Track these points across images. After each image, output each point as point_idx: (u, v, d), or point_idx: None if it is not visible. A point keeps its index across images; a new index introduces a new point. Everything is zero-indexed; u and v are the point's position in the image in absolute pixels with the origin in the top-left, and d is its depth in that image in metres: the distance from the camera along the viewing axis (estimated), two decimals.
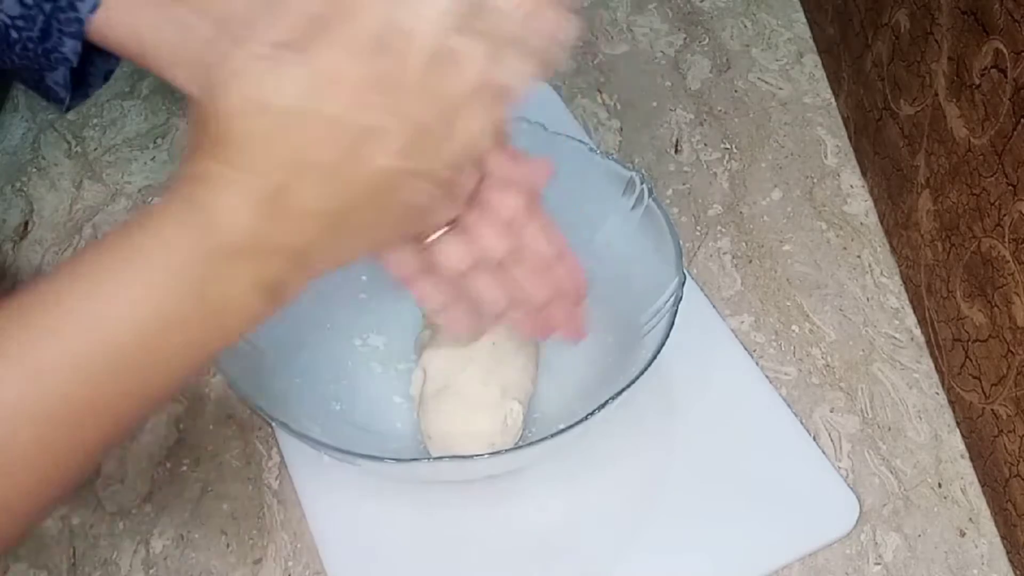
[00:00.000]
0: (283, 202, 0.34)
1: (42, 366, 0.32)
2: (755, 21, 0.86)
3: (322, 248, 0.36)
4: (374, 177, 0.34)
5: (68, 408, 0.33)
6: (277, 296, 0.36)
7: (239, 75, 0.33)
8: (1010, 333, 0.52)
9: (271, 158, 0.33)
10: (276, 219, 0.34)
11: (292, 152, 0.33)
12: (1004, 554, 0.54)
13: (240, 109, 0.33)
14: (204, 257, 0.34)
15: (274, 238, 0.34)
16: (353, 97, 0.33)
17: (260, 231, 0.34)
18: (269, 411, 0.49)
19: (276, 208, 0.34)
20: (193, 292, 0.34)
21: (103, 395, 0.34)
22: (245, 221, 0.34)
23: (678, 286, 0.53)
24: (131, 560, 0.55)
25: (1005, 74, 0.51)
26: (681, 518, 0.55)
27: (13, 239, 0.72)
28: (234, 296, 0.35)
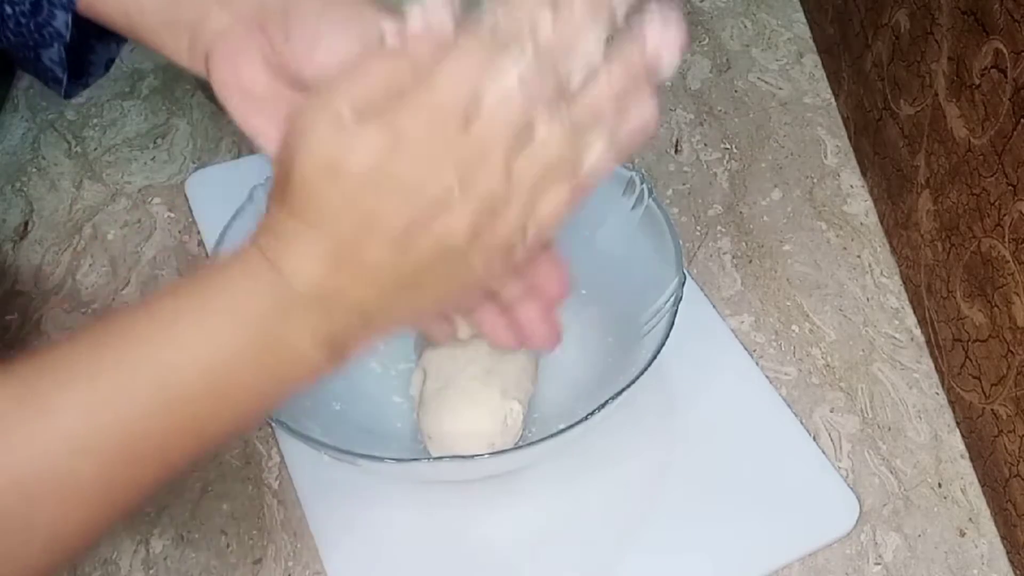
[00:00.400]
0: (353, 259, 0.34)
1: (109, 400, 0.33)
2: (755, 21, 0.86)
3: (385, 306, 0.36)
4: (440, 247, 0.35)
5: (130, 444, 0.33)
6: (339, 349, 0.37)
7: (318, 135, 0.34)
8: (1010, 333, 0.52)
9: (342, 219, 0.34)
10: (344, 275, 0.35)
11: (362, 215, 0.34)
12: (1004, 554, 0.54)
13: (317, 169, 0.34)
14: (274, 305, 0.35)
15: (340, 292, 0.35)
16: (429, 166, 0.33)
17: (328, 285, 0.35)
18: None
19: (344, 265, 0.35)
20: (259, 341, 0.35)
21: (164, 434, 0.34)
22: (315, 274, 0.34)
23: (678, 286, 0.53)
24: (131, 560, 0.55)
25: (1005, 74, 0.51)
26: (681, 518, 0.55)
27: (13, 239, 0.72)
28: (299, 345, 0.35)
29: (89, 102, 0.82)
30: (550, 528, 0.55)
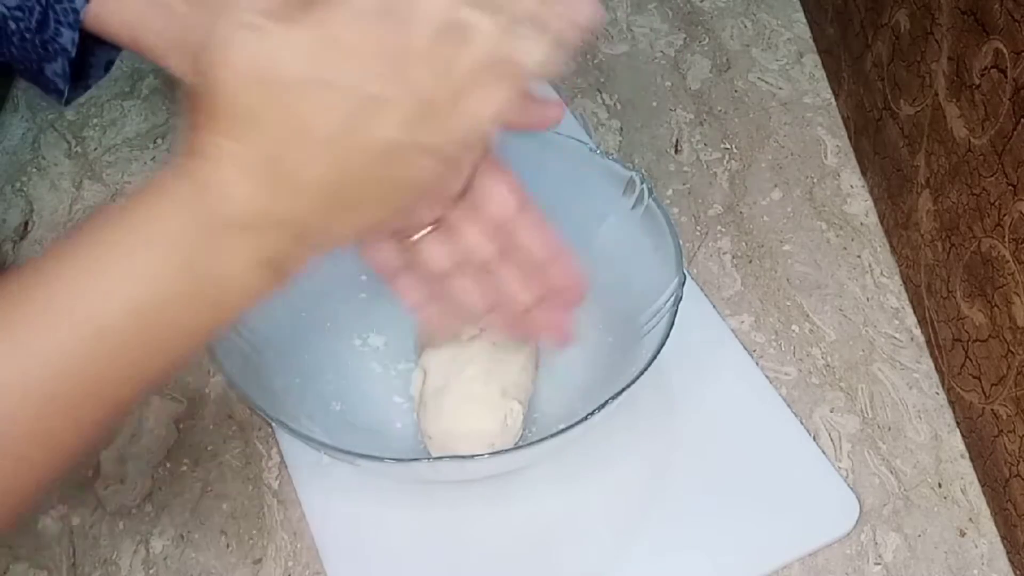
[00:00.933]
0: (282, 173, 0.33)
1: (39, 345, 0.32)
2: (755, 21, 0.86)
3: (321, 221, 0.35)
4: (375, 149, 0.33)
5: (66, 388, 0.33)
6: (277, 272, 0.35)
7: (232, 44, 0.32)
8: (1010, 333, 0.52)
9: (270, 129, 0.33)
10: (275, 191, 0.33)
11: (291, 122, 0.33)
12: (1004, 554, 0.54)
13: (236, 79, 0.32)
14: (202, 231, 0.33)
15: (273, 210, 0.34)
16: (356, 65, 0.32)
17: (259, 203, 0.33)
18: (269, 411, 0.49)
19: (275, 180, 0.33)
20: (192, 268, 0.33)
21: (100, 374, 0.33)
22: (244, 193, 0.33)
23: (678, 286, 0.53)
24: (131, 560, 0.55)
25: (1005, 74, 0.51)
26: (681, 518, 0.55)
27: (13, 239, 0.72)
28: (233, 271, 0.34)
29: (89, 102, 0.82)
30: (550, 528, 0.55)
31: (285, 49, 0.32)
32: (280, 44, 0.32)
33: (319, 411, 0.56)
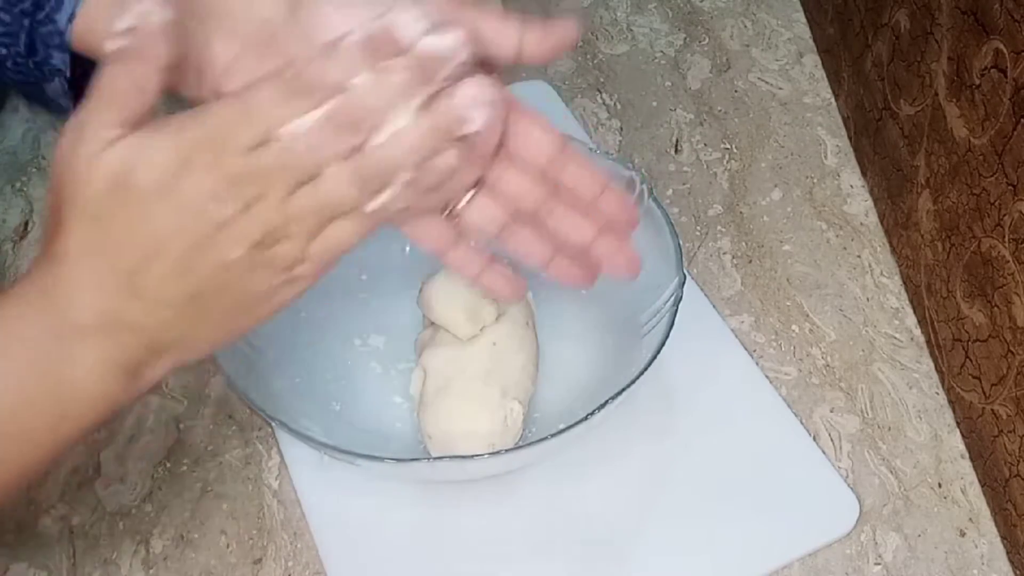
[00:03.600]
0: (133, 284, 0.34)
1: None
2: (755, 21, 0.86)
3: (176, 333, 0.36)
4: (227, 267, 0.34)
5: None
6: (133, 378, 0.36)
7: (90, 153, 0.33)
8: (1010, 333, 0.52)
9: (123, 240, 0.33)
10: (125, 299, 0.34)
11: (144, 237, 0.33)
12: (1004, 554, 0.54)
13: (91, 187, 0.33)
14: (54, 337, 0.34)
15: (123, 317, 0.34)
16: (205, 186, 0.33)
17: (107, 309, 0.34)
18: (269, 411, 0.49)
19: (126, 289, 0.34)
20: (45, 372, 0.34)
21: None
22: (92, 299, 0.34)
23: (678, 286, 0.53)
24: (131, 560, 0.55)
25: (1005, 74, 0.51)
26: (681, 518, 0.55)
27: (13, 239, 0.72)
28: (83, 375, 0.34)
29: None
30: (550, 528, 0.55)
31: (140, 159, 0.33)
32: (136, 153, 0.33)
33: (319, 411, 0.56)
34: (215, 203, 0.33)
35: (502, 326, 0.56)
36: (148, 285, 0.34)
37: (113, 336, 0.34)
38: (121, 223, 0.33)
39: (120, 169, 0.33)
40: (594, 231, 0.44)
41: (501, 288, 0.45)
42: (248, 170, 0.33)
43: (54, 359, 0.34)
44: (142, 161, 0.33)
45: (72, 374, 0.34)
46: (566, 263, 0.45)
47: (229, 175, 0.33)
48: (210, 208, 0.33)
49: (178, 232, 0.33)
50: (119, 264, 0.34)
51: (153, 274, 0.34)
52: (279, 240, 0.34)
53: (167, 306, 0.35)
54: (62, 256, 0.34)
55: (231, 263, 0.34)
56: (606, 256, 0.44)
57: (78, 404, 0.35)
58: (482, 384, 0.53)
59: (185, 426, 0.60)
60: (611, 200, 0.44)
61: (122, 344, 0.35)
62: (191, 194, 0.33)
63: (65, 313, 0.34)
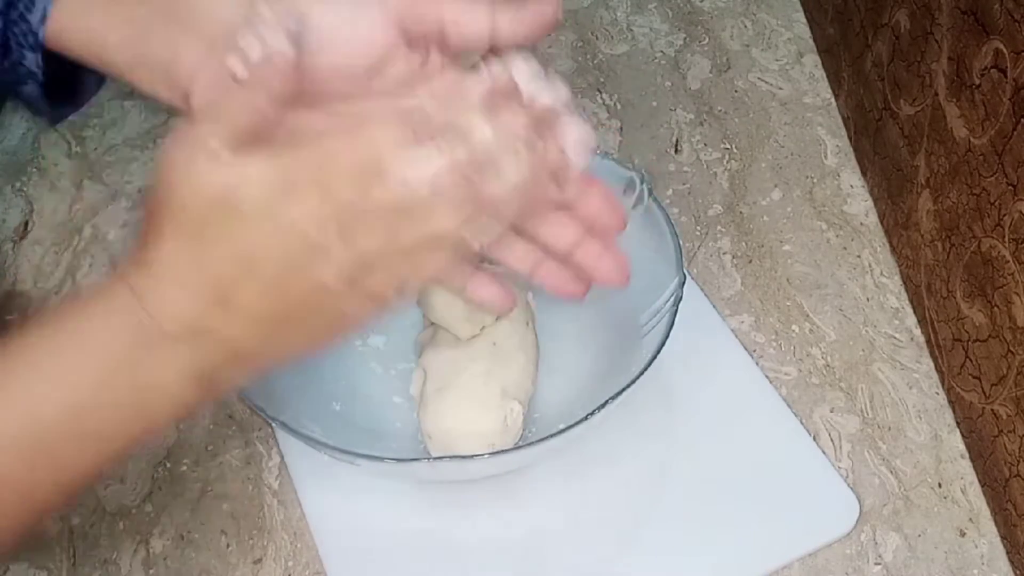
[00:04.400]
0: (223, 297, 0.34)
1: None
2: (755, 21, 0.86)
3: (256, 346, 0.36)
4: (314, 290, 0.35)
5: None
6: (208, 387, 0.36)
7: (193, 166, 0.33)
8: (1010, 333, 0.52)
9: (217, 253, 0.34)
10: (213, 311, 0.34)
11: (239, 252, 0.34)
12: (1004, 554, 0.54)
13: (192, 199, 0.33)
14: (135, 341, 0.34)
15: (209, 328, 0.35)
16: (313, 213, 0.33)
17: (195, 320, 0.34)
18: (269, 411, 0.49)
19: (215, 301, 0.34)
20: (126, 375, 0.34)
21: (27, 476, 0.34)
22: (183, 310, 0.34)
23: (678, 286, 0.53)
24: (131, 560, 0.55)
25: (1005, 74, 0.51)
26: (681, 518, 0.55)
27: (13, 239, 0.72)
28: (163, 382, 0.35)
29: (89, 102, 0.82)
30: (550, 528, 0.55)
31: (247, 179, 0.33)
32: (241, 173, 0.33)
33: (319, 411, 0.56)
34: (319, 231, 0.33)
35: (502, 326, 0.56)
36: (240, 302, 0.34)
37: (198, 346, 0.35)
38: (220, 239, 0.34)
39: (226, 187, 0.33)
40: (576, 236, 0.42)
41: (490, 297, 0.44)
42: (360, 204, 0.33)
43: (137, 363, 0.34)
44: (249, 181, 0.33)
45: (153, 379, 0.35)
46: (554, 269, 0.44)
47: (339, 205, 0.33)
48: (313, 235, 0.33)
49: (275, 254, 0.34)
50: (213, 278, 0.34)
51: (246, 291, 0.34)
52: (374, 272, 0.35)
53: (253, 322, 0.35)
54: (156, 263, 0.34)
55: (323, 290, 0.35)
56: (592, 260, 0.43)
57: (155, 407, 0.36)
58: (482, 384, 0.53)
59: (185, 426, 0.60)
60: (595, 199, 0.42)
61: (205, 353, 0.35)
62: (294, 219, 0.33)
63: (153, 319, 0.34)
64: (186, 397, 0.36)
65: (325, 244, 0.34)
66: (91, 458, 0.36)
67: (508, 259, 0.43)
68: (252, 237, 0.33)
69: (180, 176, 0.34)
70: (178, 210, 0.34)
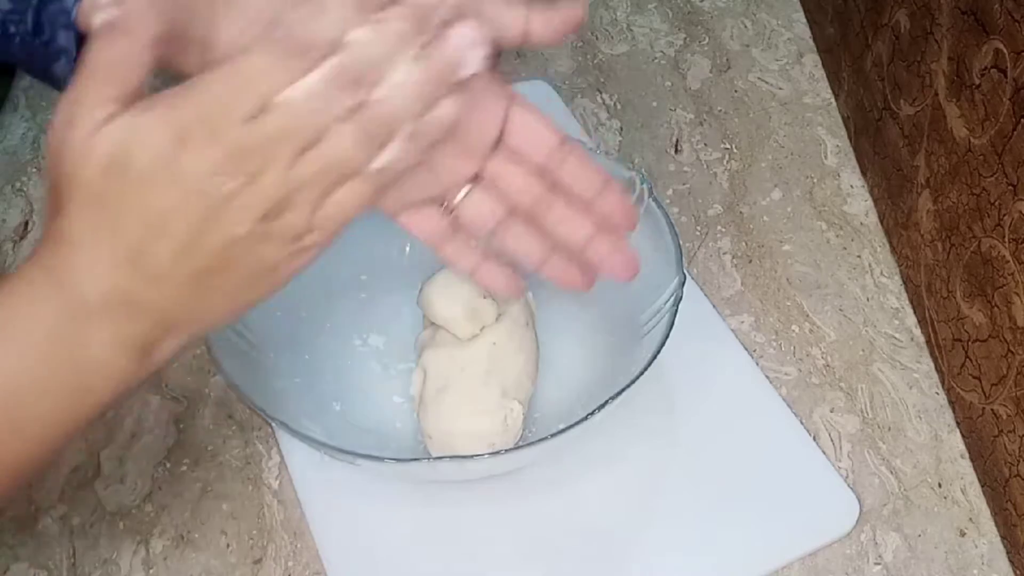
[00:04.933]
0: (141, 263, 0.33)
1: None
2: (755, 21, 0.86)
3: (186, 309, 0.35)
4: (233, 242, 0.34)
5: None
6: (144, 356, 0.36)
7: (87, 133, 0.32)
8: (1010, 333, 0.52)
9: (127, 219, 0.33)
10: (135, 279, 0.34)
11: (148, 215, 0.33)
12: (1004, 554, 0.54)
13: (92, 167, 0.32)
14: (64, 318, 0.33)
15: (132, 295, 0.34)
16: (215, 164, 0.32)
17: (116, 288, 0.34)
18: (269, 411, 0.49)
19: (134, 268, 0.33)
20: (56, 353, 0.34)
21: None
22: (102, 281, 0.33)
23: (678, 286, 0.53)
24: (131, 560, 0.55)
25: (1005, 74, 0.51)
26: (681, 518, 0.55)
27: (13, 239, 0.72)
28: (94, 355, 0.34)
29: None
30: (550, 528, 0.55)
31: (137, 137, 0.32)
32: (132, 132, 0.32)
33: (319, 411, 0.56)
34: (217, 178, 0.33)
35: (502, 326, 0.56)
36: (154, 263, 0.34)
37: (123, 314, 0.34)
38: (121, 203, 0.33)
39: (116, 149, 0.32)
40: (591, 230, 0.43)
41: (498, 284, 0.45)
42: (249, 141, 0.32)
43: (66, 340, 0.34)
44: (137, 140, 0.32)
45: (85, 353, 0.34)
46: (562, 263, 0.44)
47: (229, 148, 0.32)
48: (212, 183, 0.33)
49: (180, 209, 0.33)
50: (123, 243, 0.33)
51: (158, 252, 0.33)
52: (285, 210, 0.34)
53: (175, 283, 0.34)
54: (66, 237, 0.33)
55: (238, 237, 0.34)
56: (603, 256, 0.44)
57: (94, 383, 0.35)
58: (482, 384, 0.53)
59: (185, 426, 0.60)
60: (610, 199, 0.43)
61: (133, 321, 0.34)
62: (191, 170, 0.32)
63: (73, 293, 0.33)
64: (123, 369, 0.35)
65: (227, 192, 0.33)
66: (35, 445, 0.35)
67: (518, 252, 0.43)
68: (152, 196, 0.33)
69: (70, 145, 0.33)
70: (76, 181, 0.33)
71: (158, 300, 0.34)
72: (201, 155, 0.32)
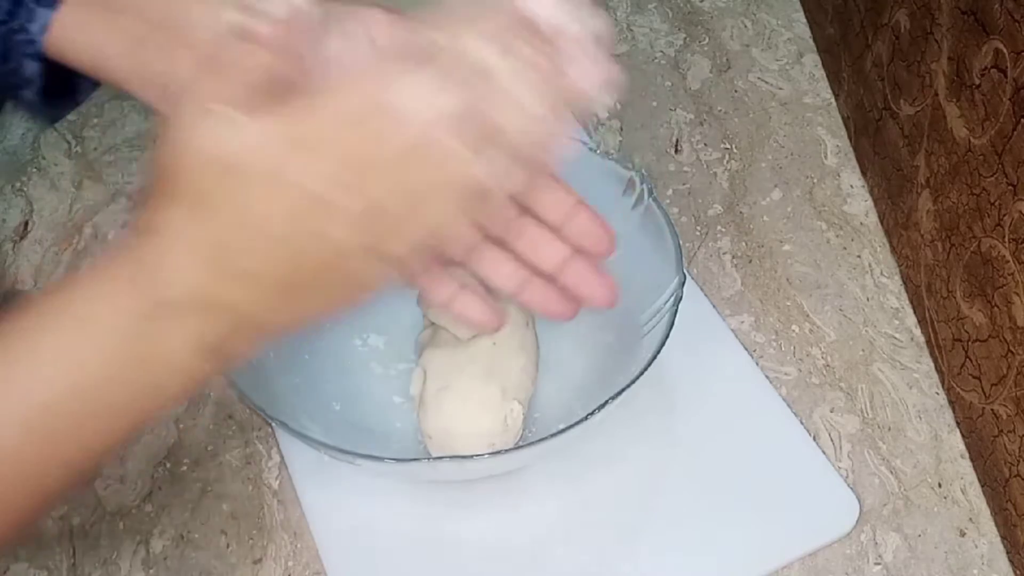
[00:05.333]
0: (231, 261, 0.33)
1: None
2: (755, 21, 0.86)
3: (266, 312, 0.35)
4: (325, 249, 0.33)
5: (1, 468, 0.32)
6: (220, 357, 0.35)
7: (197, 128, 0.32)
8: (1010, 333, 0.52)
9: (224, 215, 0.33)
10: (222, 279, 0.33)
11: (246, 213, 0.33)
12: (1004, 554, 0.54)
13: (197, 162, 0.32)
14: (145, 312, 0.33)
15: (217, 296, 0.34)
16: (318, 169, 0.32)
17: (204, 289, 0.33)
18: (269, 411, 0.49)
19: (223, 266, 0.33)
20: (132, 349, 0.33)
21: (35, 457, 0.33)
22: (190, 278, 0.33)
23: (678, 286, 0.53)
24: (131, 560, 0.55)
25: (1005, 74, 0.51)
26: (681, 518, 0.55)
27: (13, 239, 0.72)
28: (172, 354, 0.34)
29: (89, 102, 0.81)
30: (550, 528, 0.55)
31: (250, 141, 0.32)
32: (246, 135, 0.32)
33: (319, 411, 0.56)
34: (327, 186, 0.32)
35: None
36: (249, 268, 0.33)
37: (205, 314, 0.34)
38: (226, 204, 0.32)
39: (230, 150, 0.32)
40: (563, 257, 0.42)
41: (476, 315, 0.43)
42: (371, 151, 0.32)
43: (144, 335, 0.33)
44: (253, 143, 0.32)
45: (160, 350, 0.34)
46: (541, 289, 0.43)
47: (347, 156, 0.32)
48: (321, 191, 0.32)
49: (284, 217, 0.32)
50: (220, 244, 0.33)
51: (254, 257, 0.33)
52: (389, 227, 0.33)
53: (262, 287, 0.34)
54: (160, 231, 0.33)
55: (339, 248, 0.33)
56: (578, 282, 0.42)
57: (165, 381, 0.35)
58: (482, 384, 0.53)
59: (185, 426, 0.60)
60: (581, 221, 0.42)
61: (213, 322, 0.34)
62: (302, 177, 0.32)
63: (158, 288, 0.33)
64: (195, 369, 0.35)
65: (335, 200, 0.32)
66: (101, 437, 0.35)
67: (494, 278, 0.42)
68: (259, 201, 0.32)
69: (183, 140, 0.32)
70: (182, 175, 0.33)
71: (242, 303, 0.34)
72: (314, 163, 0.32)
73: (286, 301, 0.35)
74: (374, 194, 0.33)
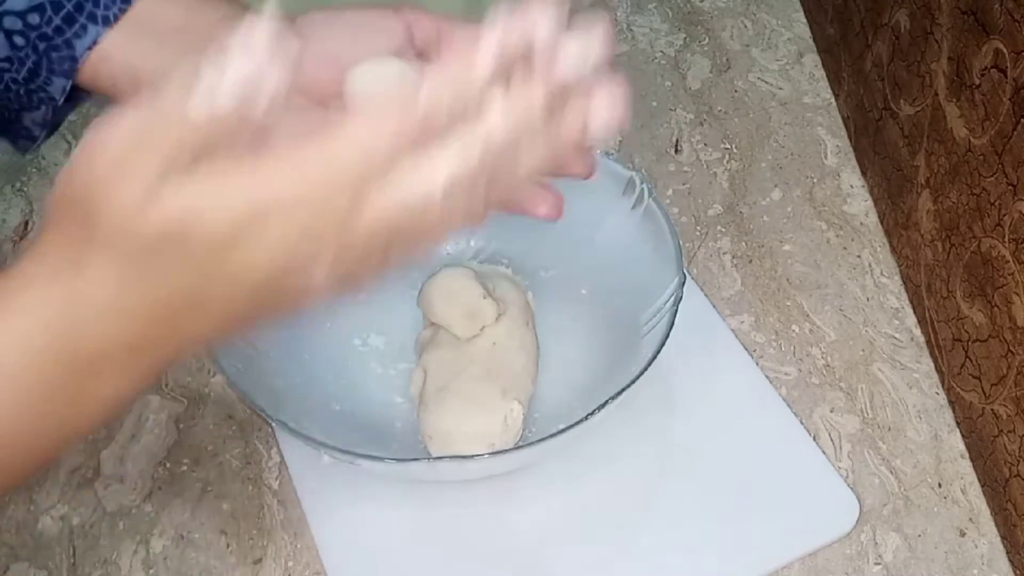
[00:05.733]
0: (171, 327, 0.31)
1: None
2: (755, 21, 0.86)
3: (199, 345, 0.33)
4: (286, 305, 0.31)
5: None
6: (153, 378, 0.34)
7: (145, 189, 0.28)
8: (1010, 333, 0.52)
9: (167, 291, 0.30)
10: (159, 338, 0.31)
11: (194, 291, 0.30)
12: (1004, 554, 0.54)
13: (146, 230, 0.28)
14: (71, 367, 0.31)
15: (150, 344, 0.31)
16: (283, 241, 0.29)
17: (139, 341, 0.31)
18: (269, 411, 0.49)
19: (162, 332, 0.31)
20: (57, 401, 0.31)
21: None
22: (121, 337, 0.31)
23: (678, 286, 0.53)
24: (131, 560, 0.55)
25: (1005, 74, 0.51)
26: (681, 518, 0.55)
27: (13, 239, 0.72)
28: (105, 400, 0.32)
29: (89, 102, 0.82)
30: (550, 528, 0.55)
31: (202, 210, 0.28)
32: (196, 203, 0.28)
33: (319, 411, 0.56)
34: (289, 259, 0.29)
35: (502, 326, 0.56)
36: (190, 330, 0.31)
37: (139, 361, 0.32)
38: (169, 275, 0.29)
39: (181, 216, 0.28)
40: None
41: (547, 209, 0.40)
42: (346, 219, 0.29)
43: (68, 388, 0.31)
44: (207, 210, 0.28)
45: (89, 401, 0.32)
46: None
47: (319, 224, 0.29)
48: (283, 264, 0.29)
49: (239, 294, 0.30)
50: (160, 312, 0.30)
51: (198, 322, 0.31)
52: (351, 272, 0.31)
53: (200, 333, 0.32)
54: (89, 289, 0.30)
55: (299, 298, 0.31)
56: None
57: (92, 415, 0.33)
58: (482, 384, 0.53)
59: (185, 426, 0.60)
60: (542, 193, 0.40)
61: (148, 367, 0.32)
62: (262, 251, 0.29)
63: (85, 340, 0.30)
64: (125, 400, 0.33)
65: (299, 267, 0.29)
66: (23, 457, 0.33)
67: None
68: (209, 277, 0.29)
69: (121, 194, 0.28)
70: (118, 232, 0.29)
71: (177, 349, 0.32)
72: (278, 232, 0.28)
73: (218, 334, 0.33)
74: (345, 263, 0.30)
